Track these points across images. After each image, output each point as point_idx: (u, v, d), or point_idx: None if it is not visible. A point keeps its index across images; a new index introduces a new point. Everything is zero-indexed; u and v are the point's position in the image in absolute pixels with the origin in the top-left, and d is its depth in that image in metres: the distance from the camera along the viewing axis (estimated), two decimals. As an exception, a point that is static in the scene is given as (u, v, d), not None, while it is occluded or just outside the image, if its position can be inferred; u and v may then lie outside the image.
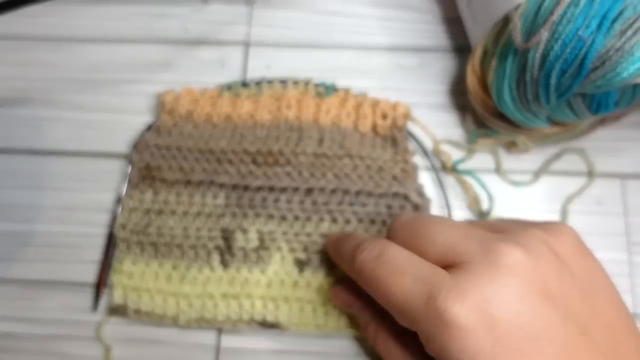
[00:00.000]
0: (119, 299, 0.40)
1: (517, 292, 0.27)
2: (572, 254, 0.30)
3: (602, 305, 0.29)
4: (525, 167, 0.44)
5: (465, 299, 0.27)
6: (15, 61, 0.48)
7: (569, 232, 0.31)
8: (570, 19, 0.34)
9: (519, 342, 0.26)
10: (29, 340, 0.41)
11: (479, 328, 0.26)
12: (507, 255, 0.28)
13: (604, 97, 0.37)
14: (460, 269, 0.28)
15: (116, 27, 0.48)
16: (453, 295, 0.27)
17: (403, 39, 0.48)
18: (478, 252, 0.29)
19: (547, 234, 0.30)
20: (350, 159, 0.42)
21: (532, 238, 0.29)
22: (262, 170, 0.42)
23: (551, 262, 0.29)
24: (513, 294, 0.27)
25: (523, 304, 0.27)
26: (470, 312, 0.27)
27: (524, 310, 0.27)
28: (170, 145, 0.42)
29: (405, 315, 0.29)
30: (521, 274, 0.28)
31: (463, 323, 0.27)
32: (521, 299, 0.27)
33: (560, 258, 0.29)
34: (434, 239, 0.31)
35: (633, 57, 0.33)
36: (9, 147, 0.45)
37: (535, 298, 0.27)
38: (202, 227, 0.41)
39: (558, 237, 0.30)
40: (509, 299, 0.27)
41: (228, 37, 0.48)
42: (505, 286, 0.27)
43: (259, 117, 0.44)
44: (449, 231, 0.31)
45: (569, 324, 0.27)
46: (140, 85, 0.47)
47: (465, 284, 0.28)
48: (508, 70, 0.38)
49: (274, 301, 0.39)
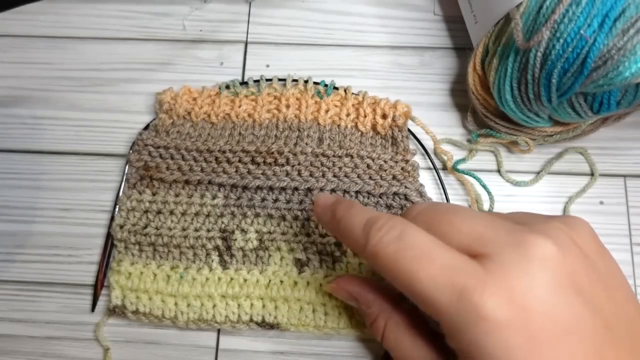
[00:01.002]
0: (116, 300, 0.40)
1: (550, 285, 0.27)
2: (593, 249, 0.29)
3: (622, 301, 0.29)
4: (527, 167, 0.44)
5: (501, 293, 0.26)
6: (13, 60, 0.47)
7: (587, 226, 0.30)
8: (572, 18, 0.34)
9: (553, 337, 0.26)
10: (27, 341, 0.41)
11: (515, 322, 0.26)
12: (538, 247, 0.27)
13: (605, 96, 0.36)
14: (490, 260, 0.27)
15: (115, 26, 0.48)
16: (489, 288, 0.26)
17: (403, 38, 0.47)
18: (508, 243, 0.28)
19: (568, 227, 0.29)
20: (350, 158, 0.41)
21: (557, 230, 0.29)
22: (261, 170, 0.41)
23: (578, 256, 0.28)
24: (547, 287, 0.26)
25: (558, 298, 0.26)
26: (506, 305, 0.26)
27: (558, 304, 0.26)
28: (168, 145, 0.42)
29: (433, 306, 0.28)
30: (553, 266, 0.27)
31: (499, 317, 0.26)
32: (555, 292, 0.26)
33: (583, 252, 0.29)
34: (459, 228, 0.29)
35: (635, 56, 0.32)
36: (7, 147, 0.45)
37: (568, 292, 0.27)
38: (201, 228, 0.40)
39: (577, 231, 0.29)
40: (543, 293, 0.26)
41: (227, 36, 0.48)
42: (540, 279, 0.27)
43: (258, 117, 0.43)
44: (473, 220, 0.30)
45: (596, 319, 0.27)
46: (140, 84, 0.46)
47: (499, 276, 0.27)
48: (509, 69, 0.38)
49: (273, 301, 0.39)
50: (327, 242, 0.40)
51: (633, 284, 0.41)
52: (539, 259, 0.27)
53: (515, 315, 0.26)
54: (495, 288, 0.26)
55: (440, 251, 0.28)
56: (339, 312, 0.39)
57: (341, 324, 0.39)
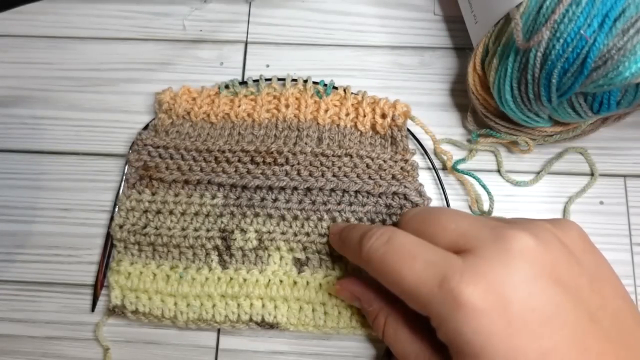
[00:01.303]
0: (116, 300, 0.40)
1: (528, 275, 0.28)
2: (579, 247, 0.30)
3: (609, 296, 0.30)
4: (527, 167, 0.44)
5: (479, 281, 0.27)
6: (13, 60, 0.47)
7: (575, 227, 0.32)
8: (572, 17, 0.34)
9: (532, 324, 0.27)
10: (27, 341, 0.41)
11: (493, 309, 0.27)
12: (517, 240, 0.29)
13: (605, 96, 0.36)
14: (472, 254, 0.29)
15: (115, 26, 0.48)
16: (467, 277, 0.28)
17: (403, 38, 0.47)
18: (489, 237, 0.30)
19: (555, 227, 0.31)
20: (349, 158, 0.41)
21: (540, 228, 0.30)
22: (260, 169, 0.41)
23: (560, 251, 0.29)
24: (524, 277, 0.28)
25: (535, 287, 0.28)
26: (484, 293, 0.27)
27: (536, 293, 0.27)
28: (167, 145, 0.42)
29: (418, 299, 0.30)
30: (531, 258, 0.28)
31: (477, 304, 0.27)
32: (532, 282, 0.28)
33: (568, 248, 0.30)
34: (445, 226, 0.31)
35: (635, 55, 0.32)
36: (7, 147, 0.45)
37: (546, 282, 0.28)
38: (200, 228, 0.40)
39: (565, 231, 0.31)
40: (521, 282, 0.28)
41: (227, 35, 0.48)
42: (517, 269, 0.28)
43: (257, 116, 0.43)
44: (460, 219, 0.32)
45: (579, 310, 0.28)
46: (140, 84, 0.46)
47: (478, 266, 0.28)
48: (509, 69, 0.38)
49: (273, 301, 0.39)
50: (326, 242, 0.40)
51: (633, 284, 0.41)
52: (518, 250, 0.28)
53: (492, 302, 0.27)
54: (472, 277, 0.28)
55: (424, 249, 0.30)
56: (338, 311, 0.39)
57: (340, 323, 0.39)
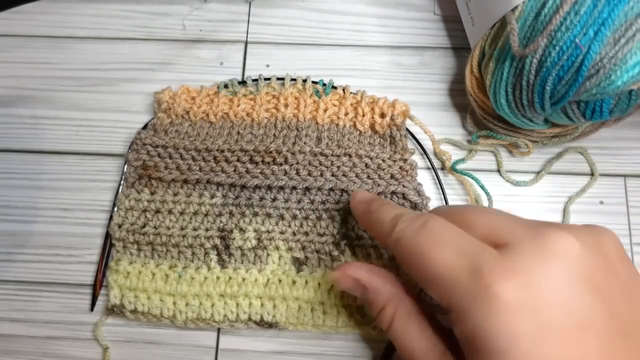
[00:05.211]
0: (115, 299, 0.40)
1: (568, 277, 0.26)
2: (617, 257, 0.29)
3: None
4: (527, 167, 0.43)
5: (514, 276, 0.26)
6: (14, 60, 0.47)
7: (613, 235, 0.30)
8: (569, 26, 0.34)
9: (564, 330, 0.25)
10: (27, 341, 0.41)
11: (526, 308, 0.25)
12: (560, 239, 0.27)
13: (598, 104, 0.36)
14: (508, 248, 0.27)
15: (115, 26, 0.48)
16: (502, 269, 0.26)
17: (403, 38, 0.47)
18: (527, 233, 0.28)
19: (593, 233, 0.29)
20: (348, 157, 0.41)
21: (582, 231, 0.28)
22: (259, 169, 0.41)
23: (600, 259, 0.27)
24: (564, 278, 0.26)
25: (572, 291, 0.26)
26: (518, 289, 0.25)
27: (573, 298, 0.26)
28: (166, 144, 0.42)
29: (443, 286, 0.28)
30: (572, 261, 0.26)
31: (510, 299, 0.25)
32: (571, 285, 0.26)
33: (606, 256, 0.28)
34: (476, 222, 0.30)
35: (626, 65, 0.33)
36: (7, 147, 0.45)
37: (585, 287, 0.26)
38: (199, 227, 0.40)
39: (603, 238, 0.29)
40: (559, 283, 0.26)
41: (227, 35, 0.48)
42: (557, 269, 0.26)
43: (257, 116, 0.43)
44: (490, 215, 0.30)
45: (614, 323, 0.26)
46: (140, 84, 0.46)
47: (515, 261, 0.26)
48: (505, 74, 0.38)
49: (272, 300, 0.39)
50: (325, 242, 0.40)
51: (633, 283, 0.41)
52: (559, 250, 0.27)
53: (526, 299, 0.25)
54: (508, 271, 0.26)
55: (459, 237, 0.29)
56: (337, 310, 0.39)
57: (339, 322, 0.39)
